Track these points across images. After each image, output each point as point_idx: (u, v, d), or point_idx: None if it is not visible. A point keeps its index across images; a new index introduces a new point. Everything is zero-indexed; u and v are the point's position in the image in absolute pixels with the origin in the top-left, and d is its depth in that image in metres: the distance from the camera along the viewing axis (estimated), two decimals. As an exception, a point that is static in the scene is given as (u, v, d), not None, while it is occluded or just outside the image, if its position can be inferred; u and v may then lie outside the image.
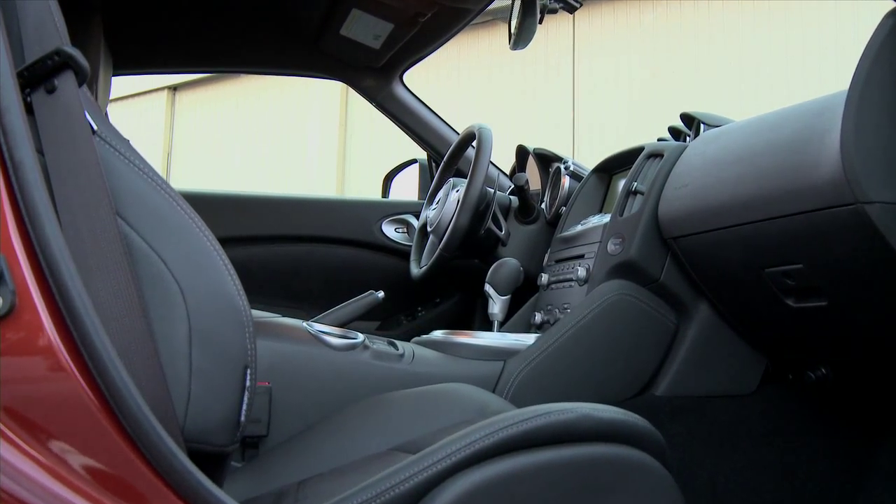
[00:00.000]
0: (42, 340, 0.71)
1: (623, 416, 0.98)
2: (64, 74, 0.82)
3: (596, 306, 1.57)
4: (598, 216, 1.76)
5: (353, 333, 1.54)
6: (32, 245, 0.71)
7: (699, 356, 1.58)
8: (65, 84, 0.82)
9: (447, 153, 2.16)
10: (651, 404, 1.57)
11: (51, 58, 0.81)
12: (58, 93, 0.82)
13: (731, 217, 1.38)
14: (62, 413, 0.72)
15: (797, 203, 1.23)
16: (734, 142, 1.43)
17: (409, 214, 2.38)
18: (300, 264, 2.32)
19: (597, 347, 1.56)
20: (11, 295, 0.69)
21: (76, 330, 0.71)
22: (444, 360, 1.54)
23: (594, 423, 0.95)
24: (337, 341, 1.47)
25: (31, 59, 0.83)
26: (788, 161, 1.26)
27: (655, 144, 1.68)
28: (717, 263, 1.48)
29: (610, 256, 1.60)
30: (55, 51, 0.81)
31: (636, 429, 0.98)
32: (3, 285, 0.69)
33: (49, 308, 0.71)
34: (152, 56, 2.19)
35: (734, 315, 1.55)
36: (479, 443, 0.89)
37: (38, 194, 0.71)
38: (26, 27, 0.84)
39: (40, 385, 0.72)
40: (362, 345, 1.49)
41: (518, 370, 1.53)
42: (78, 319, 0.71)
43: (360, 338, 1.50)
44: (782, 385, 1.61)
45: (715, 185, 1.42)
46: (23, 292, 0.70)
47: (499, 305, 1.65)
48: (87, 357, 0.71)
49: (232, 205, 2.33)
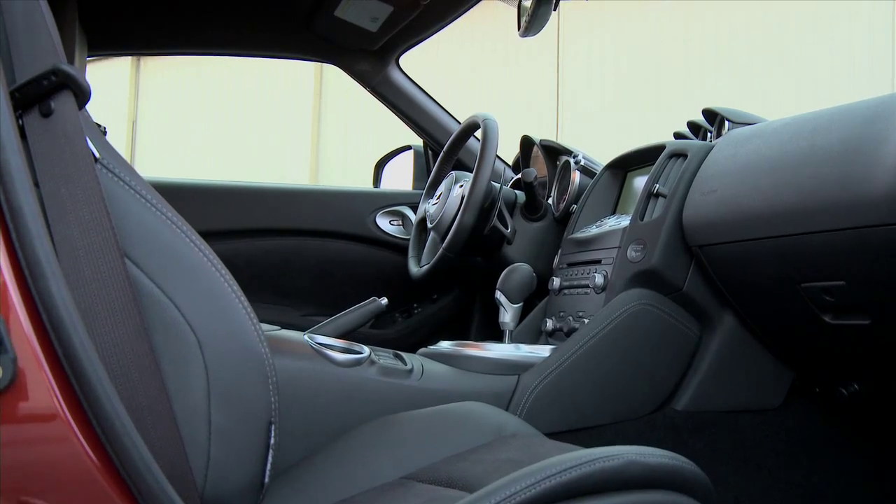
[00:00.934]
0: (47, 410, 0.63)
1: (671, 461, 0.92)
2: (61, 95, 0.73)
3: (616, 317, 1.51)
4: (615, 218, 1.70)
5: (358, 346, 1.47)
6: (35, 304, 0.63)
7: (723, 369, 1.53)
8: (63, 107, 0.73)
9: (447, 143, 2.08)
10: (672, 420, 1.52)
11: (46, 77, 0.72)
12: (55, 117, 0.73)
13: (766, 228, 1.32)
14: (70, 487, 0.65)
15: (845, 218, 1.17)
16: (769, 147, 1.36)
17: (405, 206, 2.30)
18: (289, 259, 2.24)
19: (616, 360, 1.51)
20: (12, 364, 0.61)
21: (86, 398, 0.63)
22: (454, 375, 1.48)
23: (642, 469, 0.90)
24: (341, 356, 1.40)
25: (23, 76, 0.74)
26: (835, 172, 1.20)
27: (678, 143, 1.61)
28: (748, 275, 1.42)
29: (630, 263, 1.54)
30: (52, 70, 0.72)
31: (685, 474, 0.93)
32: (2, 353, 0.61)
33: (55, 375, 0.63)
34: (130, 36, 2.08)
35: (762, 327, 1.50)
36: (521, 494, 0.83)
37: (40, 246, 0.63)
38: (16, 38, 0.75)
39: (45, 457, 0.64)
40: (368, 360, 1.42)
41: (533, 385, 1.47)
42: (88, 386, 0.63)
43: (365, 352, 1.43)
44: (810, 400, 1.56)
45: (748, 192, 1.36)
46: (26, 360, 0.62)
47: (510, 314, 1.58)
48: (98, 427, 0.64)
49: (215, 196, 2.24)
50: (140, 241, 0.76)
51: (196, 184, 2.26)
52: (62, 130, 0.73)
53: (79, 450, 0.63)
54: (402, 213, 2.30)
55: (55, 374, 0.63)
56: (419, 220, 2.10)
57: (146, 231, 0.77)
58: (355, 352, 1.45)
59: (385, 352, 1.52)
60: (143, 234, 0.77)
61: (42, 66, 0.74)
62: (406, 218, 2.29)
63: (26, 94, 0.73)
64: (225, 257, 2.24)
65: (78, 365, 0.63)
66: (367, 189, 2.41)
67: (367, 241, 2.26)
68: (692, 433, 1.52)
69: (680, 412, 1.52)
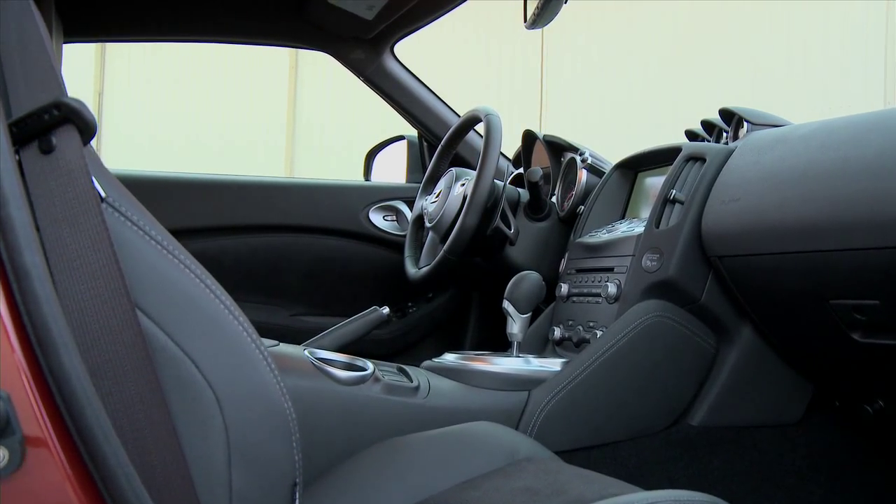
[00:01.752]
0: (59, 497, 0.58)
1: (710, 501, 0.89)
2: (64, 130, 0.67)
3: (630, 329, 1.47)
4: (627, 223, 1.65)
5: (361, 361, 1.42)
6: (44, 378, 0.57)
7: (740, 383, 1.50)
8: (65, 143, 0.67)
9: (446, 137, 2.02)
10: (687, 436, 1.49)
11: (47, 111, 0.66)
12: (57, 154, 0.67)
13: (794, 243, 1.28)
14: None
15: (881, 237, 1.13)
16: (796, 155, 1.32)
17: (399, 201, 2.24)
18: (279, 257, 2.18)
19: (631, 374, 1.47)
20: (20, 445, 0.56)
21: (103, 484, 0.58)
22: (462, 392, 1.44)
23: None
24: (344, 374, 1.35)
25: (20, 108, 0.68)
26: (870, 187, 1.16)
27: (695, 146, 1.56)
28: (771, 288, 1.38)
29: (645, 273, 1.50)
30: (53, 103, 0.66)
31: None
32: (8, 434, 0.55)
33: (67, 456, 0.58)
34: (110, 23, 2.00)
35: (783, 341, 1.47)
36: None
37: (49, 313, 0.57)
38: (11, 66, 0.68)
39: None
40: (373, 377, 1.37)
41: (545, 401, 1.43)
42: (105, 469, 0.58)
43: (369, 368, 1.39)
44: (830, 414, 1.54)
45: (775, 204, 1.31)
46: (34, 440, 0.57)
47: (518, 325, 1.53)
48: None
49: (199, 190, 2.17)
50: (152, 289, 0.70)
51: (179, 178, 2.18)
52: (65, 169, 0.66)
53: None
54: (396, 208, 2.24)
55: (67, 455, 0.57)
56: (416, 216, 2.04)
57: (158, 277, 0.71)
58: (358, 367, 1.40)
59: (388, 366, 1.48)
60: (154, 281, 0.71)
61: (41, 98, 0.67)
62: (400, 213, 2.24)
63: (24, 128, 0.66)
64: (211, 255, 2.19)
65: (93, 443, 0.58)
66: (360, 182, 2.35)
67: (360, 237, 2.20)
68: (708, 450, 1.49)
69: (695, 427, 1.49)
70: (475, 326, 2.23)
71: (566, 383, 1.44)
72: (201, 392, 0.70)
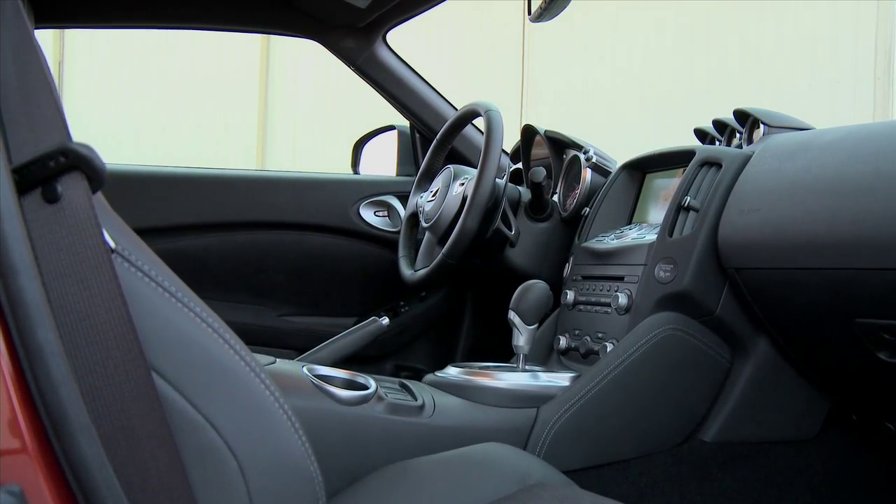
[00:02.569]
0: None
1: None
2: (70, 178, 0.61)
3: (643, 343, 1.43)
4: (636, 229, 1.61)
5: (363, 378, 1.37)
6: (60, 467, 0.52)
7: (755, 397, 1.47)
8: (72, 192, 0.61)
9: (441, 131, 1.96)
10: (700, 452, 1.46)
11: (53, 157, 0.60)
12: (63, 204, 0.61)
13: (819, 259, 1.24)
14: None
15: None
16: (822, 166, 1.28)
17: (391, 196, 2.19)
18: (265, 255, 2.12)
19: (643, 390, 1.44)
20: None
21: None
22: (468, 410, 1.40)
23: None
24: (345, 393, 1.31)
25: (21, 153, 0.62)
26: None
27: (710, 150, 1.52)
28: (792, 304, 1.35)
29: (659, 285, 1.46)
30: (60, 149, 0.60)
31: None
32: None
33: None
34: (84, 7, 1.91)
35: (801, 355, 1.44)
36: None
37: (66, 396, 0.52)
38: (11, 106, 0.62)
39: None
40: (375, 395, 1.33)
41: (554, 419, 1.40)
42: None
43: (371, 385, 1.34)
44: (847, 429, 1.52)
45: (799, 217, 1.28)
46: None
47: (525, 336, 1.49)
48: None
49: (181, 185, 2.10)
50: (168, 348, 0.65)
51: (158, 171, 2.11)
52: (72, 220, 0.61)
53: None
54: (388, 203, 2.18)
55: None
56: (410, 214, 1.99)
57: (174, 335, 0.66)
58: (360, 385, 1.36)
59: (390, 382, 1.44)
60: (170, 340, 0.65)
61: (45, 140, 0.61)
62: (392, 209, 2.18)
63: (26, 175, 0.60)
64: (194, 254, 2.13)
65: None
66: (350, 176, 2.29)
67: (351, 234, 2.15)
68: (721, 467, 1.46)
69: (708, 443, 1.46)
70: (469, 326, 2.19)
71: (576, 400, 1.41)
72: (224, 460, 0.65)
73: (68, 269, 0.60)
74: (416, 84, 2.10)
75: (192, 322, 0.67)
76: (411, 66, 2.10)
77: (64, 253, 0.61)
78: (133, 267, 0.65)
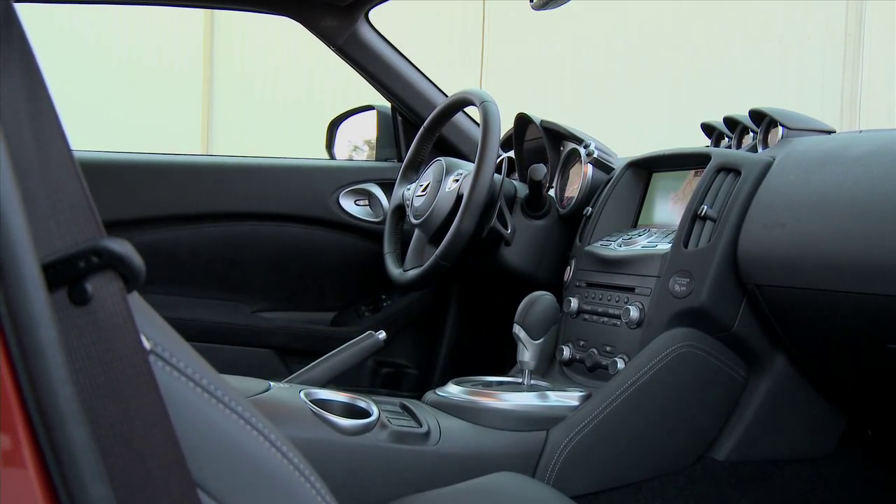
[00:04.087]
0: None
1: None
2: (102, 277, 0.54)
3: (657, 361, 1.40)
4: (645, 236, 1.55)
5: (363, 402, 1.32)
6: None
7: (770, 415, 1.45)
8: (105, 293, 0.54)
9: (429, 118, 1.88)
10: (713, 472, 1.44)
11: (83, 257, 0.53)
12: (93, 307, 0.54)
13: (854, 282, 1.21)
14: None
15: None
16: (856, 181, 1.24)
17: (372, 183, 2.11)
18: (240, 248, 2.03)
19: (656, 410, 1.41)
20: None
21: None
22: (475, 435, 1.36)
23: None
24: (347, 423, 1.26)
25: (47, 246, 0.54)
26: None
27: (727, 155, 1.47)
28: (818, 324, 1.32)
29: (674, 299, 1.42)
30: (92, 248, 0.53)
31: None
32: None
33: None
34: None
35: (820, 373, 1.42)
36: None
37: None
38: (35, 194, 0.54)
39: None
40: (378, 423, 1.28)
41: (564, 442, 1.36)
42: None
43: (373, 412, 1.29)
44: (863, 444, 1.50)
45: (830, 236, 1.24)
46: None
47: (531, 352, 1.44)
48: None
49: (149, 173, 2.00)
50: (213, 459, 0.59)
51: (124, 159, 2.01)
52: (105, 325, 0.53)
53: None
54: (368, 191, 2.11)
55: None
56: (395, 206, 1.92)
57: (219, 443, 0.59)
58: (360, 410, 1.31)
59: (391, 404, 1.39)
60: (215, 449, 0.59)
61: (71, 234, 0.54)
62: (374, 197, 2.11)
63: (51, 274, 0.53)
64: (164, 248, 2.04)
65: None
66: (328, 162, 2.20)
67: (330, 224, 2.07)
68: (735, 488, 1.44)
69: (722, 463, 1.44)
70: (454, 321, 2.14)
71: (587, 422, 1.37)
72: None
73: (101, 380, 0.54)
74: (401, 67, 2.01)
75: (236, 426, 0.61)
76: (397, 47, 2.01)
77: (96, 360, 0.54)
78: (169, 366, 0.58)
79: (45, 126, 0.56)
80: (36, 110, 0.55)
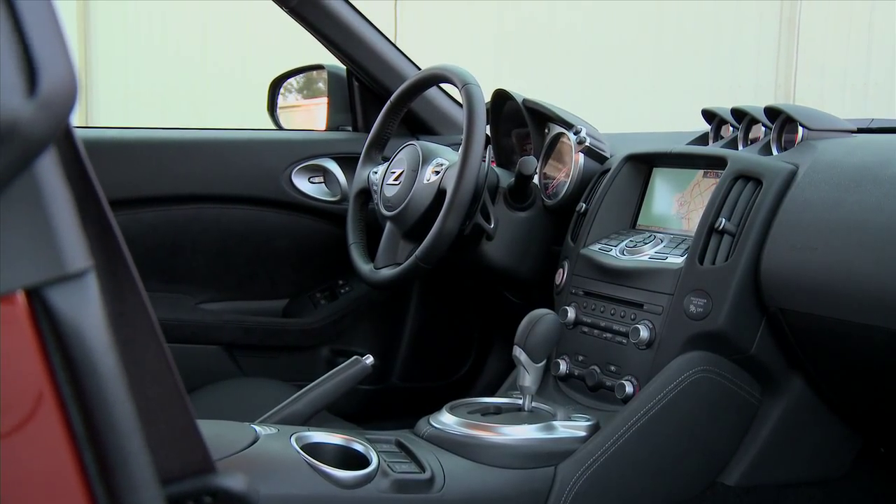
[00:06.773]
0: None
1: None
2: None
3: (672, 388, 1.36)
4: (652, 243, 1.49)
5: (359, 445, 1.25)
6: None
7: (784, 437, 1.43)
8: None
9: (397, 92, 1.77)
10: (724, 500, 1.43)
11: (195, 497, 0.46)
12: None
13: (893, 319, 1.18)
14: None
15: None
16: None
17: (327, 158, 1.99)
18: (181, 233, 1.90)
19: (668, 438, 1.37)
20: None
21: None
22: (480, 476, 1.30)
23: None
24: (346, 475, 1.20)
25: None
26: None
27: (746, 161, 1.41)
28: (848, 356, 1.30)
29: (689, 321, 1.37)
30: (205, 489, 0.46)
31: None
32: None
33: None
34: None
35: (840, 396, 1.40)
36: None
37: None
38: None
39: None
40: (379, 472, 1.21)
41: (574, 478, 1.32)
42: None
43: (372, 460, 1.23)
44: (876, 464, 1.51)
45: (871, 268, 1.20)
46: None
47: (532, 376, 1.39)
48: None
49: None
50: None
51: None
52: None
53: None
54: (324, 167, 1.99)
55: None
56: (359, 190, 1.81)
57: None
58: (356, 455, 1.25)
59: (386, 443, 1.32)
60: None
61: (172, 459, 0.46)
62: (329, 174, 1.99)
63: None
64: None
65: None
66: (278, 135, 2.06)
67: (282, 205, 1.95)
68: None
69: (733, 489, 1.42)
70: (416, 307, 2.07)
71: (598, 455, 1.33)
72: None
73: None
74: (364, 32, 1.88)
75: None
76: (359, 10, 1.87)
77: None
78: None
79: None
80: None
